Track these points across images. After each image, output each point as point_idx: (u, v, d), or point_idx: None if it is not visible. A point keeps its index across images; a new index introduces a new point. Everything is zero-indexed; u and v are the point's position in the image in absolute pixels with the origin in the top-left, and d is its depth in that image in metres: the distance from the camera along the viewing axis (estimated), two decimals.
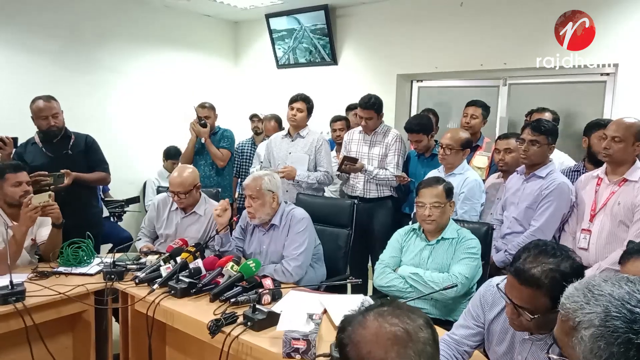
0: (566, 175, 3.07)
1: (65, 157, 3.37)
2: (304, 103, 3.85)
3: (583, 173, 3.04)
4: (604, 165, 2.68)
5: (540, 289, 1.42)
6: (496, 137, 3.61)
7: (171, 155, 5.33)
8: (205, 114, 4.39)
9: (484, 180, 3.42)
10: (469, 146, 3.33)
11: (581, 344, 0.94)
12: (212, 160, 4.38)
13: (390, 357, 0.97)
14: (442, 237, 2.53)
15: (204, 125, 4.30)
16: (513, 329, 1.60)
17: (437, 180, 2.62)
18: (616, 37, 3.91)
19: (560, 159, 3.48)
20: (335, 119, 4.88)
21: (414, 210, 3.31)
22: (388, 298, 2.44)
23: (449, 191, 2.56)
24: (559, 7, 4.09)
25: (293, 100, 3.89)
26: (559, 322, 1.04)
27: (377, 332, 1.00)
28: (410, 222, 2.93)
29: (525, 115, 4.21)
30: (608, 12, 3.94)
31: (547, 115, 3.64)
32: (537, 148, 2.80)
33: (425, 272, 2.45)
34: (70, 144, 3.43)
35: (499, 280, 1.69)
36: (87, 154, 3.50)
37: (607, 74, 4.09)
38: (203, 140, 4.33)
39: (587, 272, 2.45)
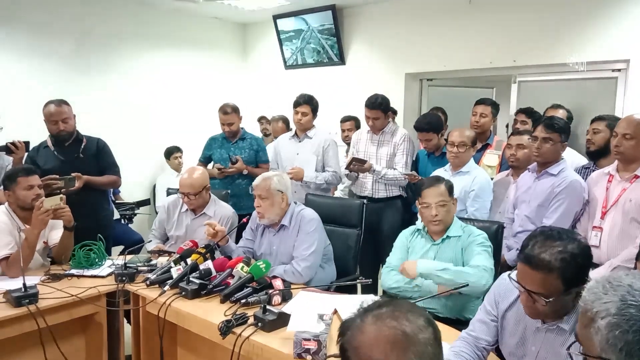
0: (577, 173, 3.05)
1: (76, 161, 3.41)
2: (307, 106, 3.84)
3: (594, 171, 3.02)
4: (615, 162, 2.65)
5: (552, 272, 1.45)
6: (509, 134, 3.60)
7: (171, 152, 5.43)
8: (229, 120, 4.01)
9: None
10: (476, 144, 3.38)
11: (598, 333, 0.94)
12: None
13: None
14: (447, 236, 2.51)
15: (236, 162, 3.93)
16: (529, 316, 1.61)
17: (438, 179, 2.61)
18: (626, 33, 3.86)
19: (572, 157, 3.45)
20: (345, 119, 4.87)
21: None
22: (397, 298, 2.45)
23: (451, 189, 2.56)
24: (569, 5, 4.05)
25: (297, 104, 3.88)
26: (580, 317, 1.04)
27: (375, 336, 0.97)
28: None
29: (515, 113, 4.18)
30: (617, 8, 3.90)
31: (561, 113, 3.61)
32: (551, 145, 2.78)
33: (458, 267, 2.39)
34: (82, 147, 3.46)
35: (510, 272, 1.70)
36: (99, 158, 3.52)
37: (619, 70, 4.04)
38: (246, 173, 4.00)
39: (600, 270, 2.44)
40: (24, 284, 2.33)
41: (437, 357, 0.99)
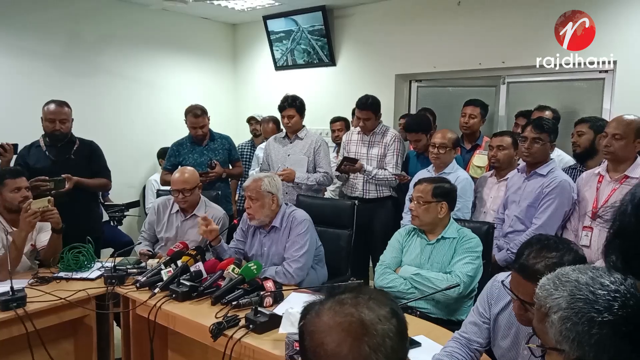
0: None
1: (67, 162, 3.38)
2: (292, 109, 3.81)
3: (580, 171, 3.05)
4: (605, 162, 2.68)
5: None
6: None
7: (165, 153, 5.28)
8: (201, 123, 3.90)
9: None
10: (458, 145, 3.41)
11: (552, 327, 0.99)
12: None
13: (343, 351, 0.89)
14: (443, 237, 2.52)
15: (214, 167, 3.86)
16: (521, 324, 1.61)
17: (433, 180, 2.65)
18: (614, 34, 3.90)
19: (560, 157, 3.48)
20: (335, 120, 4.88)
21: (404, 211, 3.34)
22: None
23: (439, 193, 2.52)
24: (558, 6, 4.08)
25: (281, 108, 3.85)
26: (535, 312, 1.09)
27: (329, 322, 0.92)
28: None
29: (515, 116, 4.19)
30: (606, 10, 3.94)
31: (548, 114, 3.64)
32: (540, 146, 2.80)
33: (428, 272, 2.45)
34: (74, 149, 3.44)
35: (504, 276, 1.70)
36: (90, 160, 3.50)
37: (606, 71, 4.09)
38: (224, 176, 3.99)
39: None
40: (12, 287, 2.30)
41: (397, 351, 0.92)
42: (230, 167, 4.12)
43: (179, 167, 3.57)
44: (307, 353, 0.96)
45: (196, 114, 3.90)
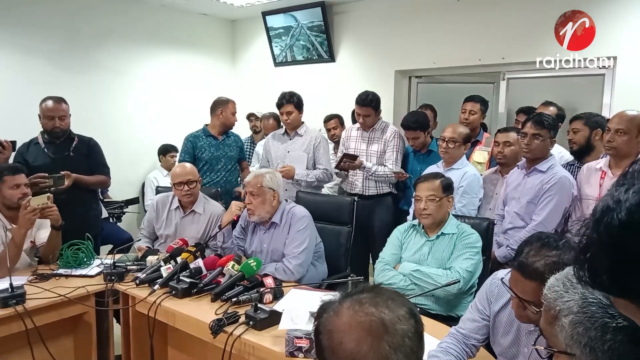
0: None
1: (66, 159, 3.37)
2: (290, 105, 3.81)
3: (578, 167, 3.04)
4: (607, 157, 2.67)
5: (544, 282, 1.41)
6: (495, 131, 3.61)
7: (167, 150, 5.30)
8: (236, 110, 4.14)
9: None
10: (469, 141, 3.37)
11: (562, 331, 0.96)
12: (230, 164, 4.07)
13: (362, 350, 0.91)
14: (442, 233, 2.52)
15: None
16: (519, 321, 1.60)
17: (435, 175, 2.63)
18: (614, 30, 3.89)
19: (560, 154, 3.48)
20: (328, 118, 4.86)
21: (410, 206, 3.33)
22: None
23: (446, 186, 2.55)
24: (558, 3, 4.07)
25: (280, 105, 3.86)
26: (543, 313, 1.06)
27: (350, 321, 0.93)
28: (406, 218, 2.93)
29: (516, 112, 4.19)
30: (606, 7, 3.92)
31: (552, 110, 3.62)
32: (540, 142, 2.80)
33: (428, 268, 2.44)
34: (73, 146, 3.43)
35: (504, 273, 1.69)
36: (89, 157, 3.49)
37: (606, 67, 4.07)
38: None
39: None
40: (11, 284, 2.30)
41: (415, 351, 0.94)
42: (238, 165, 4.18)
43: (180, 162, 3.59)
44: (323, 352, 0.96)
45: (234, 101, 4.09)
